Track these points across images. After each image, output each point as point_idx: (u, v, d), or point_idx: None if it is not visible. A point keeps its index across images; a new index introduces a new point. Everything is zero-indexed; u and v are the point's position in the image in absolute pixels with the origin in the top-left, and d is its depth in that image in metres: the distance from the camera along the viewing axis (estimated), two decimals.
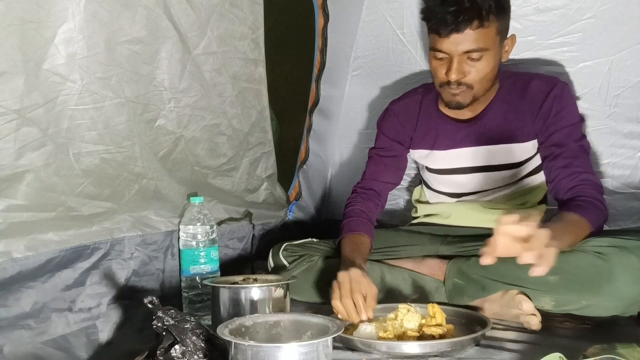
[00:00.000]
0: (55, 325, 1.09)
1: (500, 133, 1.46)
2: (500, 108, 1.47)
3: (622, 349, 0.88)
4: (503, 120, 1.46)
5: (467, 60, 1.34)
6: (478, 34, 1.31)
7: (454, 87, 1.37)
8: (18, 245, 1.04)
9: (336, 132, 2.07)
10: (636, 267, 1.15)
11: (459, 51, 1.32)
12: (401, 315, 1.16)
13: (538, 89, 1.43)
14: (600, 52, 1.61)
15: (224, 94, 1.58)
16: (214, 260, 1.42)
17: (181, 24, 1.38)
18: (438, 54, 1.36)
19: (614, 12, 1.57)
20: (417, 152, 1.60)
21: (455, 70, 1.34)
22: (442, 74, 1.38)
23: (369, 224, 1.52)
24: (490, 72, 1.37)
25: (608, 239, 1.21)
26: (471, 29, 1.30)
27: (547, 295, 1.21)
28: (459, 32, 1.30)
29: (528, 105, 1.43)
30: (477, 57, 1.33)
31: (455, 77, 1.35)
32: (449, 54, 1.34)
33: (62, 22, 1.10)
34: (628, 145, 1.65)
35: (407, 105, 1.61)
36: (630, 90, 1.61)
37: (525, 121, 1.44)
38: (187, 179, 1.50)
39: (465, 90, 1.38)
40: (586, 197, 1.30)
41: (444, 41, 1.33)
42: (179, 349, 0.94)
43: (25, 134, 1.06)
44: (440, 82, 1.41)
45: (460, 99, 1.40)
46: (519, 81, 1.47)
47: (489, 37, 1.32)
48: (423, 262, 1.44)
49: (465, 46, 1.32)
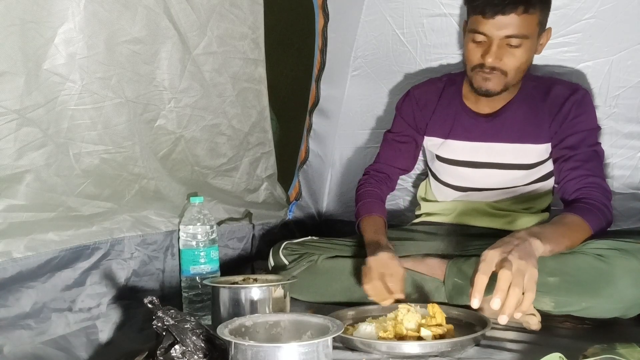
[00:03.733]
0: (55, 325, 1.09)
1: (516, 132, 1.47)
2: (520, 107, 1.47)
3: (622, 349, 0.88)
4: (521, 120, 1.47)
5: (506, 45, 1.33)
6: (522, 20, 1.30)
7: (487, 71, 1.37)
8: (18, 245, 1.04)
9: (336, 132, 2.07)
10: (637, 269, 1.14)
11: (501, 35, 1.32)
12: (401, 315, 1.16)
13: (560, 93, 1.44)
14: (600, 52, 1.61)
15: (224, 94, 1.58)
16: (214, 260, 1.42)
17: (181, 24, 1.38)
18: (478, 36, 1.35)
19: (614, 12, 1.57)
20: (431, 139, 1.61)
21: (493, 54, 1.34)
22: (478, 57, 1.37)
23: (383, 206, 1.58)
24: (525, 63, 1.37)
25: (609, 242, 1.20)
26: (516, 14, 1.29)
27: (547, 296, 1.21)
28: (504, 15, 1.29)
29: (548, 108, 1.44)
30: (516, 44, 1.33)
31: (491, 61, 1.34)
32: (490, 37, 1.33)
33: (62, 22, 1.10)
34: (628, 145, 1.65)
35: (428, 91, 1.61)
36: (630, 91, 1.61)
37: (543, 123, 1.44)
38: (187, 179, 1.50)
39: (499, 76, 1.37)
40: (591, 199, 1.31)
41: (487, 23, 1.32)
42: (179, 349, 0.94)
43: (26, 134, 1.06)
44: (473, 65, 1.39)
45: (491, 85, 1.39)
46: (541, 84, 1.48)
47: (531, 25, 1.32)
48: (423, 261, 1.44)
49: (508, 30, 1.31)
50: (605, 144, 1.66)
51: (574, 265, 1.19)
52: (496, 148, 1.49)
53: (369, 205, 1.55)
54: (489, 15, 1.31)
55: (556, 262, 1.21)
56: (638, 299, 1.15)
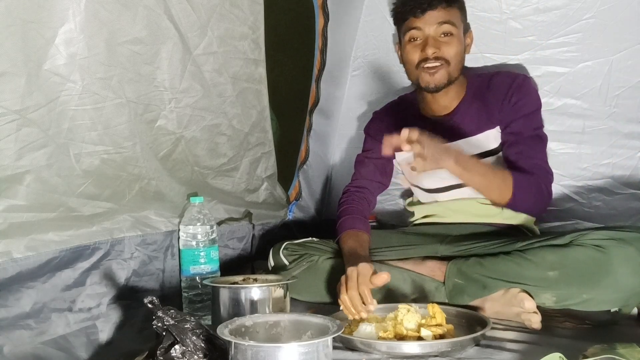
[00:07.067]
0: (55, 325, 1.09)
1: (474, 123, 1.55)
2: (471, 102, 1.57)
3: (622, 349, 0.88)
4: (475, 112, 1.56)
5: (441, 36, 1.48)
6: (447, 11, 1.48)
7: (431, 63, 1.48)
8: (18, 245, 1.04)
9: (336, 132, 2.07)
10: (635, 258, 1.16)
11: (434, 25, 1.47)
12: (401, 315, 1.16)
13: (501, 80, 1.55)
14: (600, 52, 1.62)
15: (224, 94, 1.58)
16: (214, 260, 1.42)
17: (181, 24, 1.38)
18: (414, 32, 1.49)
19: (614, 12, 1.57)
20: (401, 154, 1.65)
21: (431, 45, 1.47)
22: (418, 54, 1.50)
23: (366, 222, 1.57)
24: (459, 54, 1.51)
25: (606, 232, 1.22)
26: (442, 7, 1.47)
27: (548, 292, 1.22)
28: (433, 9, 1.47)
29: (493, 96, 1.54)
30: (449, 32, 1.48)
31: (432, 51, 1.47)
32: (424, 32, 1.48)
33: (62, 23, 1.10)
34: (628, 145, 1.65)
35: (389, 111, 1.74)
36: (630, 91, 1.61)
37: (493, 110, 1.53)
38: (187, 179, 1.50)
39: (443, 67, 1.48)
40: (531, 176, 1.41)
41: (419, 20, 1.48)
42: (179, 349, 0.94)
43: (26, 135, 1.06)
44: (416, 63, 1.51)
45: (438, 77, 1.49)
46: (484, 77, 1.59)
47: (456, 17, 1.50)
48: (423, 263, 1.44)
49: (439, 19, 1.47)
50: (605, 144, 1.67)
51: (573, 257, 1.21)
52: (460, 144, 1.54)
53: (350, 221, 1.54)
54: (419, 13, 1.48)
55: (555, 256, 1.22)
56: (637, 288, 1.16)
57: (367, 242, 1.48)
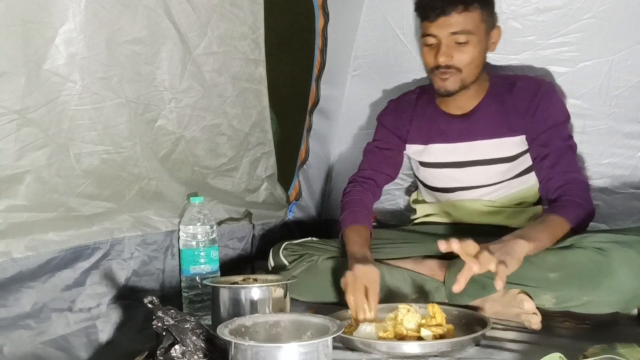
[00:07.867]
0: (55, 325, 1.09)
1: (491, 127, 1.51)
2: (491, 104, 1.53)
3: (622, 349, 0.88)
4: (494, 116, 1.51)
5: (455, 43, 1.42)
6: (463, 18, 1.40)
7: (442, 70, 1.44)
8: (18, 245, 1.04)
9: (336, 132, 2.07)
10: (636, 261, 1.16)
11: (446, 32, 1.41)
12: (401, 315, 1.16)
13: (525, 87, 1.50)
14: (600, 52, 1.62)
15: (224, 94, 1.58)
16: (214, 260, 1.42)
17: (181, 24, 1.38)
18: (428, 39, 1.44)
19: (614, 12, 1.57)
20: (412, 147, 1.64)
21: (443, 53, 1.42)
22: (432, 59, 1.45)
23: (369, 216, 1.56)
24: (477, 58, 1.44)
25: (607, 235, 1.22)
26: (457, 12, 1.39)
27: (548, 293, 1.22)
28: (446, 15, 1.39)
29: (515, 102, 1.49)
30: (463, 40, 1.41)
31: (443, 60, 1.42)
32: (438, 37, 1.42)
33: (62, 23, 1.10)
34: (628, 145, 1.65)
35: (404, 102, 1.68)
36: (630, 90, 1.61)
37: (514, 116, 1.49)
38: (187, 179, 1.50)
39: (454, 74, 1.44)
40: (569, 196, 1.36)
41: (433, 25, 1.42)
42: (179, 349, 0.94)
43: (26, 135, 1.06)
44: (430, 68, 1.47)
45: (449, 84, 1.45)
46: (506, 80, 1.55)
47: (474, 22, 1.41)
48: (423, 262, 1.44)
49: (452, 28, 1.40)
50: (605, 144, 1.67)
51: (574, 259, 1.21)
52: (474, 146, 1.53)
53: (354, 215, 1.52)
54: (432, 18, 1.41)
55: (556, 258, 1.22)
56: (637, 290, 1.16)
57: (369, 238, 1.47)
